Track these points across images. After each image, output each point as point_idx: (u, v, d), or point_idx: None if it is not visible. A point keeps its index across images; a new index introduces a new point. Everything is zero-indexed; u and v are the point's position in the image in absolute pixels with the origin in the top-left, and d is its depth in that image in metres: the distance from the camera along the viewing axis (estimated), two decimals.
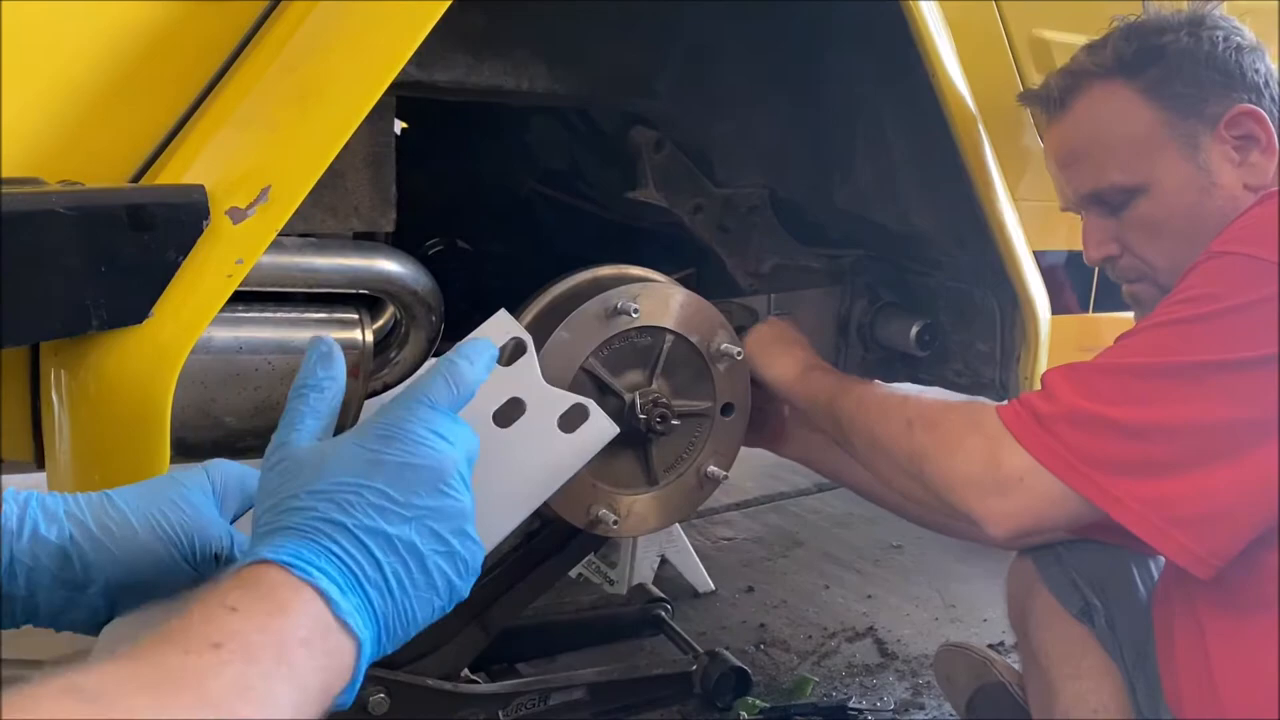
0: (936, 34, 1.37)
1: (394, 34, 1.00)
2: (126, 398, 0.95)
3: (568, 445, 0.86)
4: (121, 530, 0.70)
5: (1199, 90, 1.18)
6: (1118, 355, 1.10)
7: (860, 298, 1.74)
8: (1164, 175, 1.19)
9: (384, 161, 1.26)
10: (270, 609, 0.56)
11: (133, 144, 1.01)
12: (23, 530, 0.68)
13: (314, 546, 0.60)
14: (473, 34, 1.33)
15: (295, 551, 0.59)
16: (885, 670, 2.08)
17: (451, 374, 0.71)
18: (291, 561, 0.59)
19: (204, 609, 0.55)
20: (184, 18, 1.01)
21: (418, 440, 0.66)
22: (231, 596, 0.56)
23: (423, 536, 0.64)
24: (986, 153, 1.46)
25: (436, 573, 0.64)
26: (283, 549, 0.59)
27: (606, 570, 2.35)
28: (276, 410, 1.20)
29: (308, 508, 0.62)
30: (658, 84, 1.51)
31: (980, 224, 1.50)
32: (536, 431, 0.84)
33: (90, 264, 0.89)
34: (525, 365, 0.85)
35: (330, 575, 0.59)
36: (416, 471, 0.65)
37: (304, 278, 1.20)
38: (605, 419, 0.87)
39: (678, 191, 1.58)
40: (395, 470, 0.65)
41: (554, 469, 0.85)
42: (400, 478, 0.65)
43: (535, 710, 1.61)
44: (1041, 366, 1.59)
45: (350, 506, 0.62)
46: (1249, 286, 0.99)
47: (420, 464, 0.65)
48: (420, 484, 0.65)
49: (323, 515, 0.62)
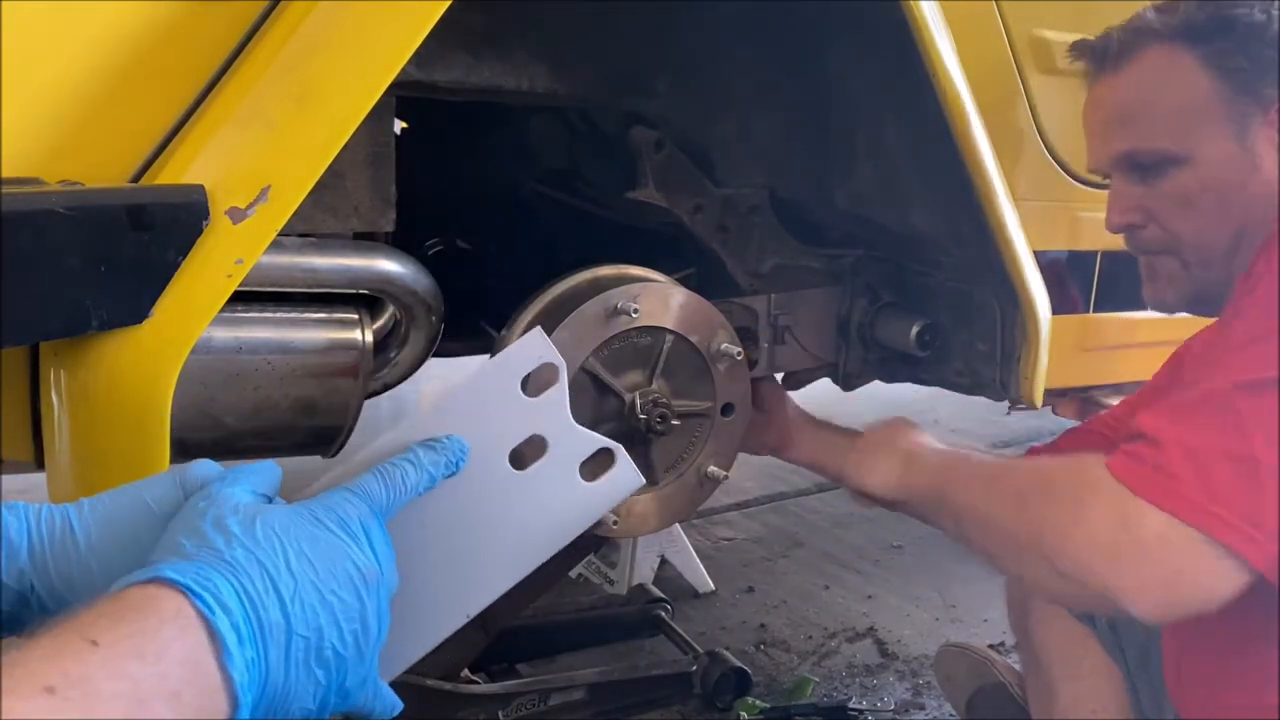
0: (936, 34, 1.37)
1: (394, 34, 1.00)
2: (126, 398, 0.95)
3: (587, 496, 0.77)
4: (84, 582, 0.61)
5: (1260, 70, 1.14)
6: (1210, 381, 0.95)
7: (860, 298, 1.74)
8: (1208, 149, 1.15)
9: (384, 161, 1.26)
10: (141, 650, 0.47)
11: (133, 144, 1.01)
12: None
13: (227, 580, 0.53)
14: (473, 34, 1.33)
15: (203, 578, 0.52)
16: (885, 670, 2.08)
17: (388, 476, 0.65)
18: (192, 586, 0.51)
19: (55, 640, 0.46)
20: (184, 18, 1.01)
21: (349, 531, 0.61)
22: (98, 626, 0.47)
23: (329, 619, 0.57)
24: (986, 153, 1.46)
25: (323, 668, 0.56)
26: (188, 571, 0.52)
27: (606, 570, 2.35)
28: (276, 410, 1.21)
29: (234, 538, 0.55)
30: (658, 84, 1.51)
31: (980, 224, 1.50)
32: (555, 476, 0.75)
33: (90, 264, 0.89)
34: (553, 399, 0.75)
35: (232, 615, 0.51)
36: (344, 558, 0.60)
37: (304, 278, 1.20)
38: (633, 469, 0.80)
39: (678, 191, 1.58)
40: (328, 545, 0.59)
41: (568, 522, 0.76)
42: (328, 555, 0.59)
43: (535, 710, 1.61)
44: (1042, 366, 1.59)
45: (274, 552, 0.56)
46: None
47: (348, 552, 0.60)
48: (341, 570, 0.59)
49: (244, 545, 0.55)
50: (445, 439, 0.69)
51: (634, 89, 1.51)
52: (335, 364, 1.24)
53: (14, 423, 1.02)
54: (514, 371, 0.74)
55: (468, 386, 0.74)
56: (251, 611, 0.53)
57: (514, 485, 0.73)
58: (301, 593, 0.56)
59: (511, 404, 0.73)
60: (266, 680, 0.53)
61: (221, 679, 0.50)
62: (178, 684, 0.47)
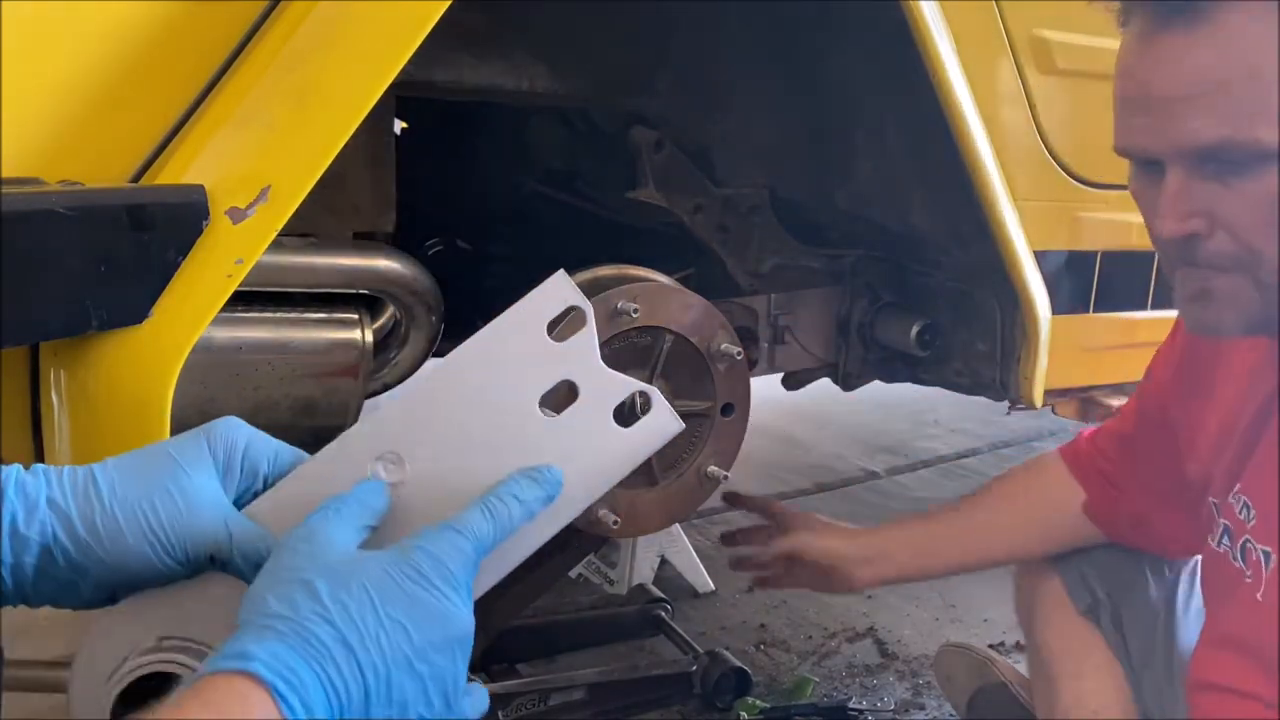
0: (936, 34, 1.37)
1: (394, 34, 1.00)
2: (126, 398, 0.95)
3: (622, 441, 0.74)
4: (109, 531, 0.63)
5: None
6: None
7: (860, 298, 1.74)
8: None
9: (384, 161, 1.26)
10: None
11: (133, 144, 1.01)
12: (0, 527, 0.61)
13: (309, 662, 0.53)
14: (473, 34, 1.33)
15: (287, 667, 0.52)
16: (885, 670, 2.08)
17: (493, 511, 0.64)
18: (276, 683, 0.52)
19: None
20: (184, 18, 1.01)
21: (453, 584, 0.59)
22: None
23: (418, 692, 0.57)
24: (986, 153, 1.46)
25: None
26: (273, 660, 0.52)
27: (606, 570, 2.35)
28: (276, 410, 1.21)
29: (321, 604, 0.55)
30: (658, 84, 1.51)
31: (980, 224, 1.50)
32: (589, 422, 0.72)
33: (90, 264, 0.89)
34: (582, 343, 0.73)
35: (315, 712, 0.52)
36: (444, 622, 0.58)
37: (304, 278, 1.20)
38: (669, 412, 0.76)
39: (678, 191, 1.57)
40: (428, 610, 0.58)
41: (605, 469, 0.74)
42: (426, 621, 0.57)
43: (535, 710, 1.61)
44: (1042, 366, 1.59)
45: (365, 626, 0.55)
46: None
47: (449, 613, 0.58)
48: (439, 635, 0.58)
49: (332, 622, 0.55)
50: (544, 470, 0.68)
51: (634, 89, 1.51)
52: (335, 364, 1.24)
53: (14, 423, 1.02)
54: (540, 316, 0.72)
55: (491, 333, 0.72)
56: (336, 701, 0.53)
57: (547, 431, 0.71)
58: (391, 673, 0.55)
59: (539, 349, 0.72)
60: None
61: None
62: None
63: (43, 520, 0.62)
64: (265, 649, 0.53)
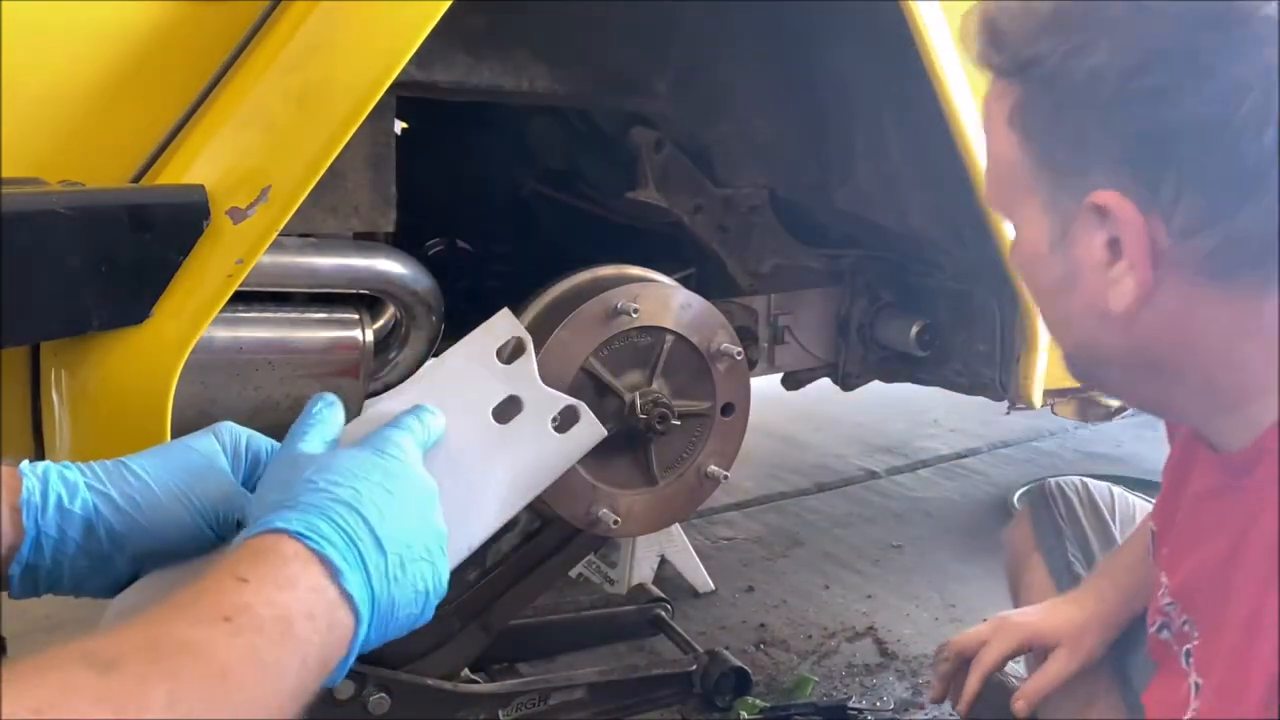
0: (936, 34, 1.37)
1: (394, 34, 1.00)
2: (127, 398, 0.95)
3: (559, 445, 0.89)
4: (147, 500, 0.70)
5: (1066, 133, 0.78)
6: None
7: (860, 298, 1.74)
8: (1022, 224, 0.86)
9: (384, 161, 1.26)
10: (280, 581, 0.58)
11: (133, 144, 1.01)
12: (46, 504, 0.68)
13: (326, 521, 0.62)
14: (473, 34, 1.33)
15: (308, 524, 0.61)
16: (885, 670, 2.08)
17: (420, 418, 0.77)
18: (304, 533, 0.60)
19: (216, 580, 0.57)
20: (184, 18, 1.01)
21: (411, 459, 0.72)
22: (242, 567, 0.58)
23: (411, 540, 0.66)
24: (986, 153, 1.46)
25: (418, 579, 0.66)
26: (295, 520, 0.61)
27: (606, 570, 2.35)
28: (277, 410, 1.21)
29: (321, 489, 0.65)
30: (658, 84, 1.51)
31: (980, 224, 1.50)
32: (531, 430, 0.88)
33: (90, 264, 0.89)
34: (524, 365, 0.89)
35: (339, 549, 0.61)
36: (412, 484, 0.70)
37: (304, 278, 1.20)
38: (595, 422, 0.91)
39: (678, 191, 1.58)
40: (397, 475, 0.69)
41: (545, 467, 0.89)
42: (400, 482, 0.69)
43: (535, 710, 1.61)
44: (1041, 366, 1.59)
45: (358, 493, 0.65)
46: None
47: (416, 478, 0.70)
48: (414, 495, 0.69)
49: (333, 495, 0.64)
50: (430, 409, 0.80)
51: (634, 89, 1.51)
52: (336, 364, 1.24)
53: (14, 423, 1.02)
54: (488, 344, 0.89)
55: (450, 357, 0.89)
56: (351, 542, 0.62)
57: (497, 437, 0.85)
58: (387, 517, 0.65)
59: (489, 370, 0.87)
60: (375, 594, 0.62)
61: (342, 598, 0.60)
62: (311, 606, 0.58)
63: (84, 498, 0.69)
64: (280, 517, 0.62)
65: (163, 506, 0.71)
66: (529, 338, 0.89)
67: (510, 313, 0.90)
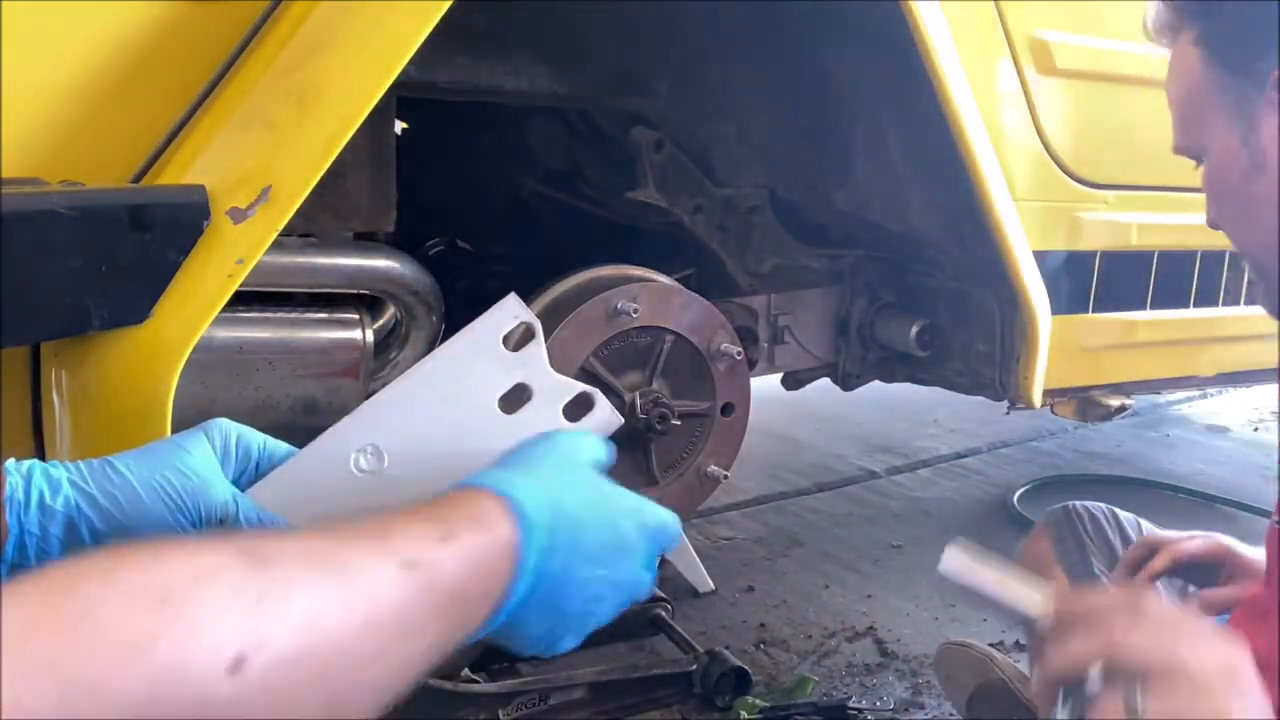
0: (936, 34, 1.37)
1: (394, 34, 1.00)
2: (127, 398, 0.95)
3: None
4: (127, 497, 0.70)
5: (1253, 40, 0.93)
6: None
7: (860, 298, 1.74)
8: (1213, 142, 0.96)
9: (384, 161, 1.26)
10: (477, 554, 0.57)
11: (133, 144, 1.01)
12: (29, 501, 0.68)
13: (527, 480, 0.63)
14: (473, 34, 1.33)
15: (508, 481, 0.62)
16: (885, 670, 2.08)
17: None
18: (500, 486, 0.61)
19: (410, 524, 0.56)
20: (184, 18, 1.01)
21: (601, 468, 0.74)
22: (448, 525, 0.57)
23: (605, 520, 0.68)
24: (986, 153, 1.46)
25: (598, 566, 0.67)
26: (492, 475, 0.62)
27: None
28: (277, 410, 1.21)
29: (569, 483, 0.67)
30: (658, 84, 1.51)
31: (980, 225, 1.50)
32: (541, 419, 0.83)
33: (90, 264, 0.89)
34: (533, 351, 0.85)
35: (528, 509, 0.61)
36: (615, 494, 0.72)
37: (305, 278, 1.20)
38: (610, 409, 0.86)
39: (678, 191, 1.58)
40: (593, 479, 0.71)
41: None
42: (604, 490, 0.71)
43: (535, 710, 1.61)
44: (1041, 367, 1.59)
45: (555, 478, 0.67)
46: None
47: (612, 489, 0.72)
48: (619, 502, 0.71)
49: (534, 472, 0.66)
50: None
51: (634, 89, 1.51)
52: (336, 364, 1.24)
53: (14, 423, 1.02)
54: (495, 330, 0.84)
55: (456, 343, 0.85)
56: (545, 506, 0.62)
57: (505, 427, 0.81)
58: (581, 507, 0.66)
59: (496, 357, 0.84)
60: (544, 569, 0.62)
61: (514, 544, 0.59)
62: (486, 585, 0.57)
63: (67, 496, 0.69)
64: (490, 476, 0.63)
65: (142, 504, 0.70)
66: (538, 323, 0.85)
67: (517, 298, 0.86)
